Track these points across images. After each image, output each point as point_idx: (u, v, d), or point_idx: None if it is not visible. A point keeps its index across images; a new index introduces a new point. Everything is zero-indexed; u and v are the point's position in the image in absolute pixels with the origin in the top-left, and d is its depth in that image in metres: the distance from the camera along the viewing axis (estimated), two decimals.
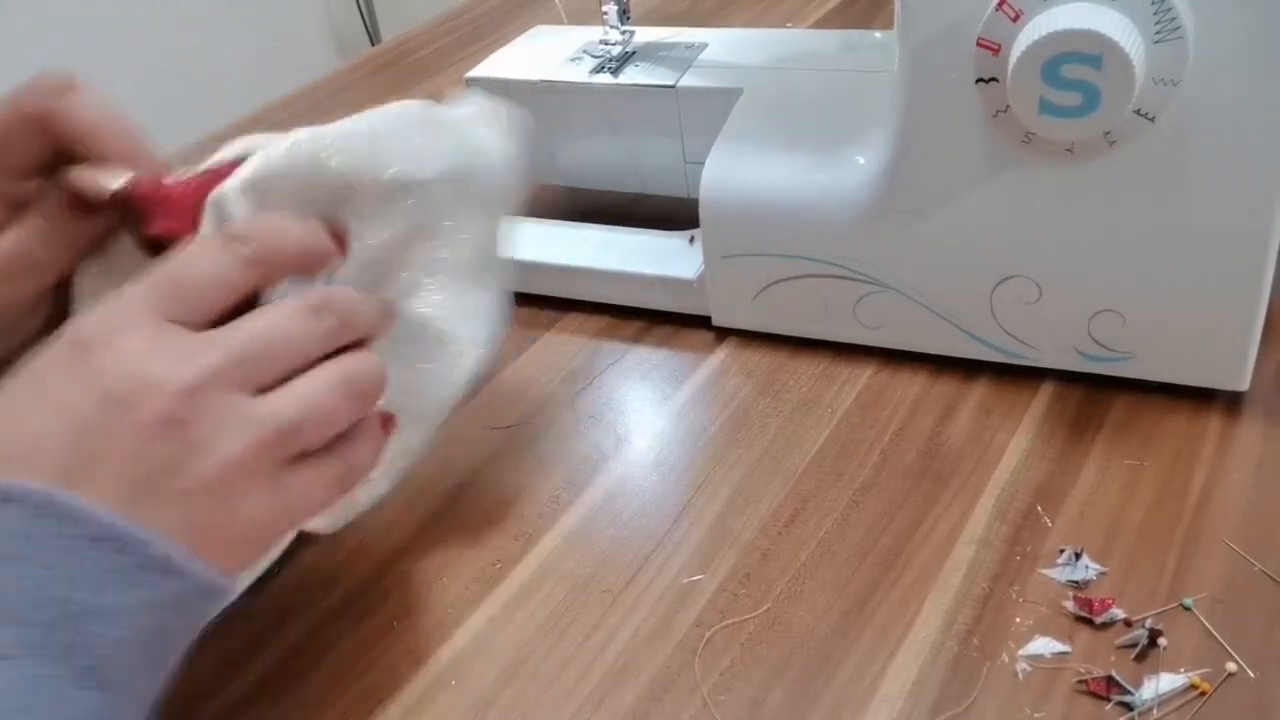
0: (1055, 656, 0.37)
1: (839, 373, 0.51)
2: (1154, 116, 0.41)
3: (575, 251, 0.58)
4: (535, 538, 0.45)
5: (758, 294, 0.52)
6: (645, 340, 0.55)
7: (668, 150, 0.58)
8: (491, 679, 0.40)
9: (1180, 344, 0.45)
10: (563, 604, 0.42)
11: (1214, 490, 0.42)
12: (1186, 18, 0.39)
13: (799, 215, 0.49)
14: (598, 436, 0.50)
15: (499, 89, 0.60)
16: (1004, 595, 0.39)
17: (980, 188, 0.45)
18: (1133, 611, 0.38)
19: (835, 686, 0.37)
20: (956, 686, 0.37)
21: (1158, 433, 0.45)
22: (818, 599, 0.41)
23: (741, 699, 0.38)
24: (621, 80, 0.57)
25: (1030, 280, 0.46)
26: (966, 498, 0.44)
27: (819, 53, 0.57)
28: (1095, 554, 0.40)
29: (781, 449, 0.47)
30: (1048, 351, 0.48)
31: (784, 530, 0.44)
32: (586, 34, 0.62)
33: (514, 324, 0.58)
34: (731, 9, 0.92)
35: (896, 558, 0.42)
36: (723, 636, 0.40)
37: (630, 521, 0.45)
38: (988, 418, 0.47)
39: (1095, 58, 0.39)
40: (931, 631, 0.39)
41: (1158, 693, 0.35)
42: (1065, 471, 0.44)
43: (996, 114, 0.43)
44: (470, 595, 0.43)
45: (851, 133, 0.50)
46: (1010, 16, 0.40)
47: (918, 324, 0.49)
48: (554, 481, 0.48)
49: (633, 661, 0.39)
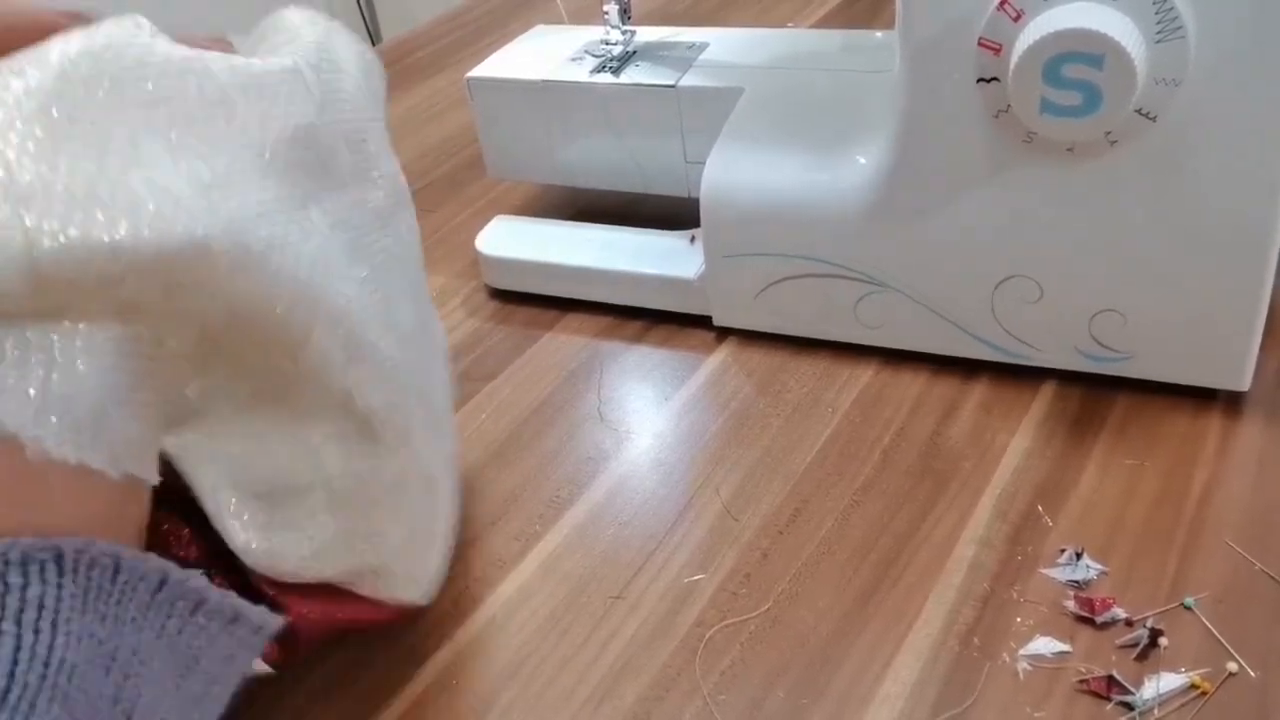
0: (1056, 656, 0.37)
1: (840, 373, 0.51)
2: (1155, 116, 0.41)
3: (576, 251, 0.58)
4: (536, 537, 0.45)
5: (758, 294, 0.52)
6: (646, 340, 0.55)
7: (668, 150, 0.58)
8: (492, 679, 0.40)
9: (1181, 344, 0.45)
10: (563, 604, 0.42)
11: (1215, 490, 0.42)
12: (1188, 18, 0.39)
13: (800, 215, 0.49)
14: (598, 436, 0.50)
15: (500, 89, 0.60)
16: (1005, 595, 0.39)
17: (981, 188, 0.45)
18: (1134, 611, 0.38)
19: (836, 686, 0.37)
20: (957, 686, 0.37)
21: (1159, 432, 0.45)
22: (819, 599, 0.41)
23: (742, 698, 0.38)
24: (622, 80, 0.57)
25: (1031, 280, 0.46)
26: (967, 497, 0.44)
27: (820, 53, 0.57)
28: (1096, 554, 0.40)
29: (782, 449, 0.47)
30: (1048, 351, 0.48)
31: (785, 530, 0.44)
32: (587, 34, 0.62)
33: (514, 324, 0.58)
34: (732, 9, 0.92)
35: (897, 557, 0.42)
36: (723, 636, 0.40)
37: (631, 521, 0.45)
38: (988, 417, 0.47)
39: (1097, 58, 0.39)
40: (932, 631, 0.39)
41: (1159, 692, 0.35)
42: (1066, 471, 0.44)
43: (998, 114, 0.43)
44: (471, 595, 0.43)
45: (852, 132, 0.50)
46: (1011, 16, 0.40)
47: (918, 324, 0.49)
48: (554, 481, 0.48)
49: (633, 661, 0.39)
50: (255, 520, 0.33)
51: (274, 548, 0.33)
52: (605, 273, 0.56)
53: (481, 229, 0.61)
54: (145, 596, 0.29)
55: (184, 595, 0.30)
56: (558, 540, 0.45)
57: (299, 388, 0.33)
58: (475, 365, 0.55)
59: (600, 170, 0.60)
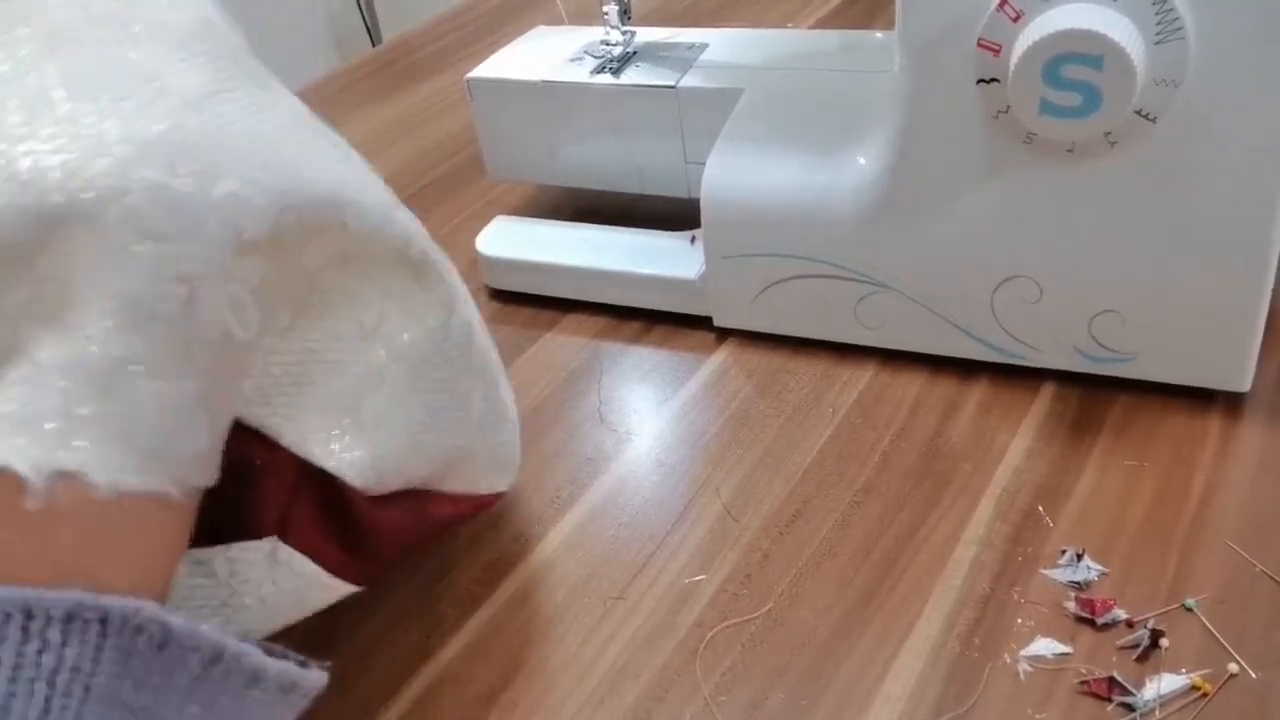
0: (1057, 657, 0.37)
1: (839, 373, 0.51)
2: (1155, 117, 0.41)
3: (576, 252, 0.58)
4: (536, 538, 0.45)
5: (758, 294, 0.52)
6: (646, 340, 0.55)
7: (668, 150, 0.58)
8: (492, 679, 0.40)
9: (1181, 344, 0.45)
10: (563, 604, 0.42)
11: (1215, 491, 0.42)
12: (1187, 18, 0.39)
13: (800, 215, 0.49)
14: (598, 437, 0.50)
15: (499, 89, 0.60)
16: (1005, 596, 0.39)
17: (981, 188, 0.45)
18: (1134, 612, 0.38)
19: (837, 687, 0.37)
20: (958, 687, 0.37)
21: (1159, 433, 0.45)
22: (819, 599, 0.41)
23: (743, 699, 0.38)
24: (622, 80, 0.57)
25: (1031, 280, 0.46)
26: (967, 498, 0.44)
27: (820, 53, 0.57)
28: (1096, 554, 0.40)
29: (782, 449, 0.47)
30: (1048, 352, 0.48)
31: (785, 531, 0.44)
32: (587, 34, 0.62)
33: (514, 324, 0.58)
34: (732, 9, 0.92)
35: (898, 558, 0.42)
36: (724, 637, 0.40)
37: (631, 522, 0.45)
38: (988, 418, 0.47)
39: (1096, 58, 0.39)
40: (933, 632, 0.39)
41: (1159, 693, 0.35)
42: (1066, 472, 0.44)
43: (997, 114, 0.43)
44: (471, 595, 0.43)
45: (852, 133, 0.50)
46: (1011, 17, 0.40)
47: (918, 324, 0.49)
48: (555, 481, 0.48)
49: (633, 662, 0.39)
50: (343, 437, 0.33)
51: (363, 458, 0.34)
52: (605, 273, 0.56)
53: (481, 229, 0.61)
54: (196, 669, 0.28)
55: (240, 670, 0.29)
56: (558, 541, 0.45)
57: (346, 269, 0.33)
58: None
59: (600, 171, 0.60)
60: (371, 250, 0.33)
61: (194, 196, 0.28)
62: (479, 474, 0.39)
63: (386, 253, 0.34)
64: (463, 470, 0.38)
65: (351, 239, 0.32)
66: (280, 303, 0.32)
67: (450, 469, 0.38)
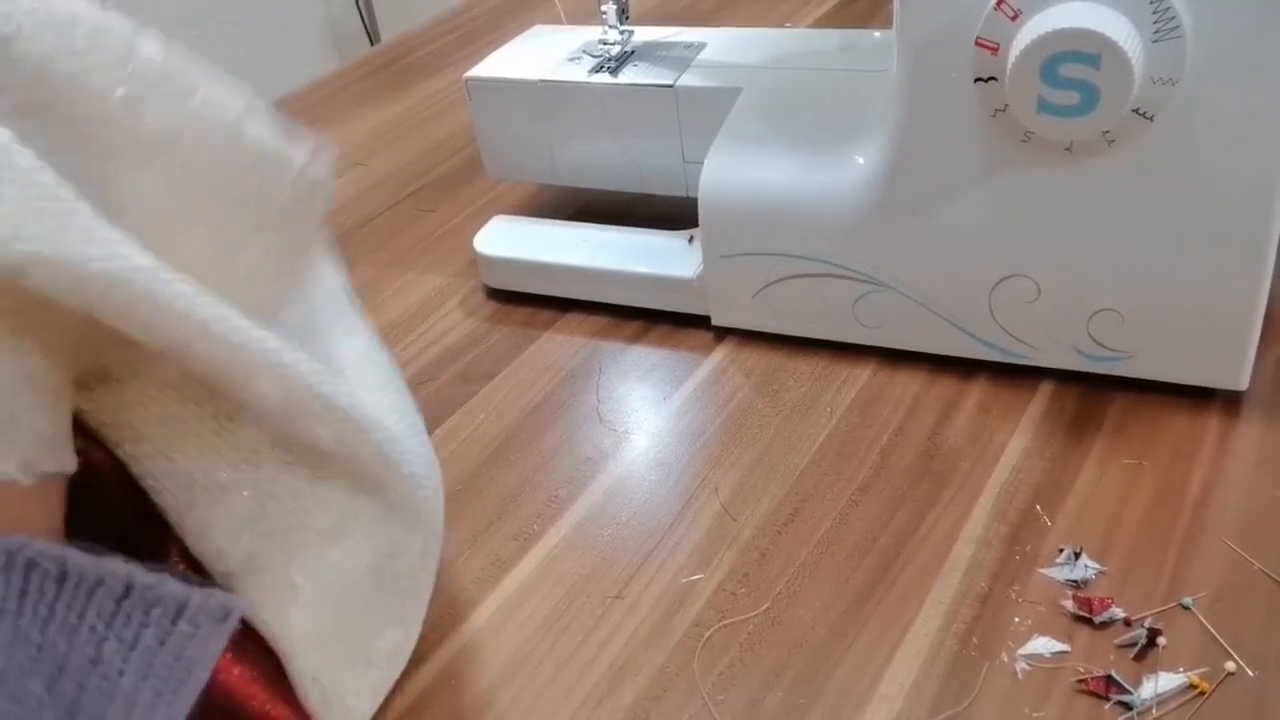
0: (1054, 656, 0.37)
1: (838, 372, 0.51)
2: (1152, 116, 0.41)
3: (574, 251, 0.58)
4: (535, 537, 0.45)
5: (757, 294, 0.52)
6: (644, 340, 0.55)
7: (667, 150, 0.58)
8: (491, 679, 0.40)
9: (1179, 343, 0.45)
10: (562, 603, 0.42)
11: (1213, 489, 0.42)
12: (1185, 17, 0.39)
13: (798, 215, 0.49)
14: (597, 436, 0.50)
15: (498, 89, 0.60)
16: (1003, 595, 0.39)
17: (979, 187, 0.45)
18: (1132, 611, 0.38)
19: (834, 686, 0.37)
20: (956, 686, 0.37)
21: (1157, 432, 0.45)
22: (817, 598, 0.41)
23: (741, 698, 0.38)
24: (620, 80, 0.57)
25: (1029, 279, 0.46)
26: (965, 497, 0.44)
27: (818, 52, 0.57)
28: (1094, 553, 0.40)
29: (780, 448, 0.47)
30: (1046, 351, 0.48)
31: (783, 530, 0.44)
32: (585, 34, 0.62)
33: (513, 324, 0.58)
34: (731, 8, 0.92)
35: (895, 557, 0.42)
36: (722, 636, 0.40)
37: (629, 521, 0.45)
38: (986, 417, 0.47)
39: (1094, 57, 0.39)
40: (931, 631, 0.39)
41: (1157, 692, 0.35)
42: (1064, 471, 0.44)
43: (995, 113, 0.43)
44: (470, 595, 0.43)
45: (850, 132, 0.50)
46: (1009, 16, 0.40)
47: (916, 323, 0.49)
48: (553, 481, 0.48)
49: (632, 661, 0.39)
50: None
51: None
52: (603, 272, 0.56)
53: (480, 229, 0.61)
54: (108, 603, 0.27)
55: (158, 602, 0.27)
56: (556, 540, 0.45)
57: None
58: (473, 365, 0.55)
59: (598, 170, 0.60)
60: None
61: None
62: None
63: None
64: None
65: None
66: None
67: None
